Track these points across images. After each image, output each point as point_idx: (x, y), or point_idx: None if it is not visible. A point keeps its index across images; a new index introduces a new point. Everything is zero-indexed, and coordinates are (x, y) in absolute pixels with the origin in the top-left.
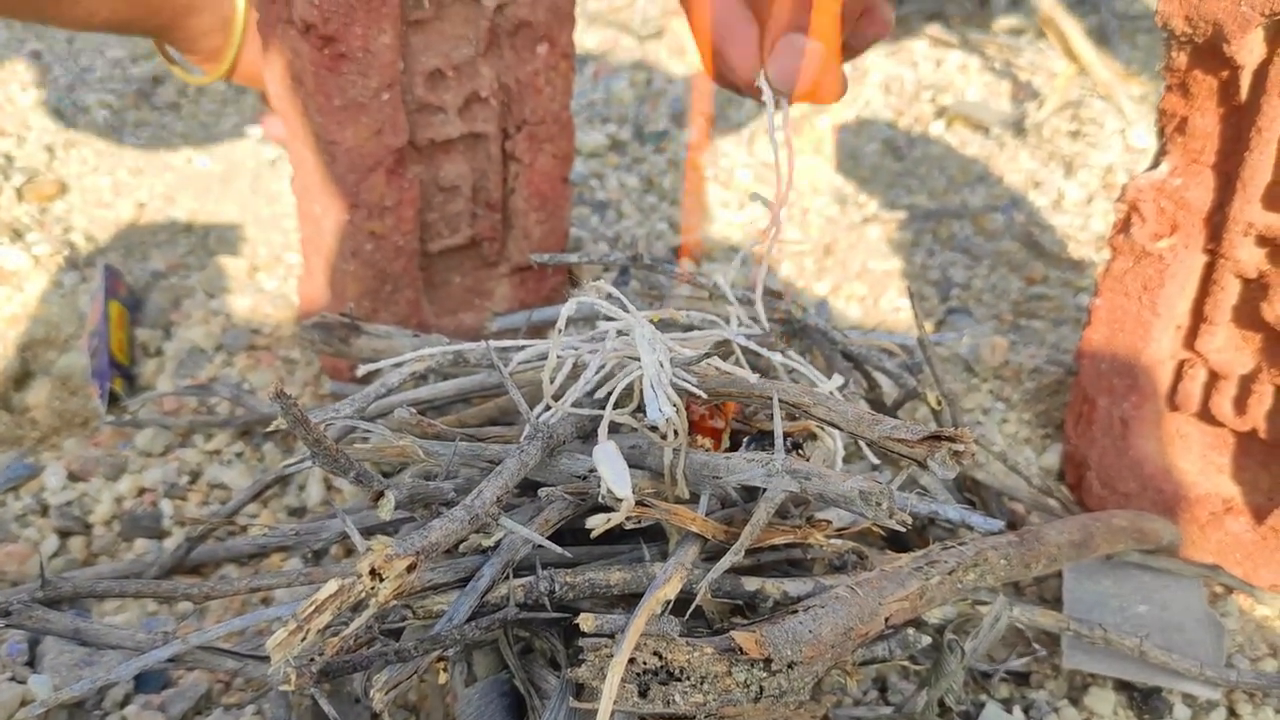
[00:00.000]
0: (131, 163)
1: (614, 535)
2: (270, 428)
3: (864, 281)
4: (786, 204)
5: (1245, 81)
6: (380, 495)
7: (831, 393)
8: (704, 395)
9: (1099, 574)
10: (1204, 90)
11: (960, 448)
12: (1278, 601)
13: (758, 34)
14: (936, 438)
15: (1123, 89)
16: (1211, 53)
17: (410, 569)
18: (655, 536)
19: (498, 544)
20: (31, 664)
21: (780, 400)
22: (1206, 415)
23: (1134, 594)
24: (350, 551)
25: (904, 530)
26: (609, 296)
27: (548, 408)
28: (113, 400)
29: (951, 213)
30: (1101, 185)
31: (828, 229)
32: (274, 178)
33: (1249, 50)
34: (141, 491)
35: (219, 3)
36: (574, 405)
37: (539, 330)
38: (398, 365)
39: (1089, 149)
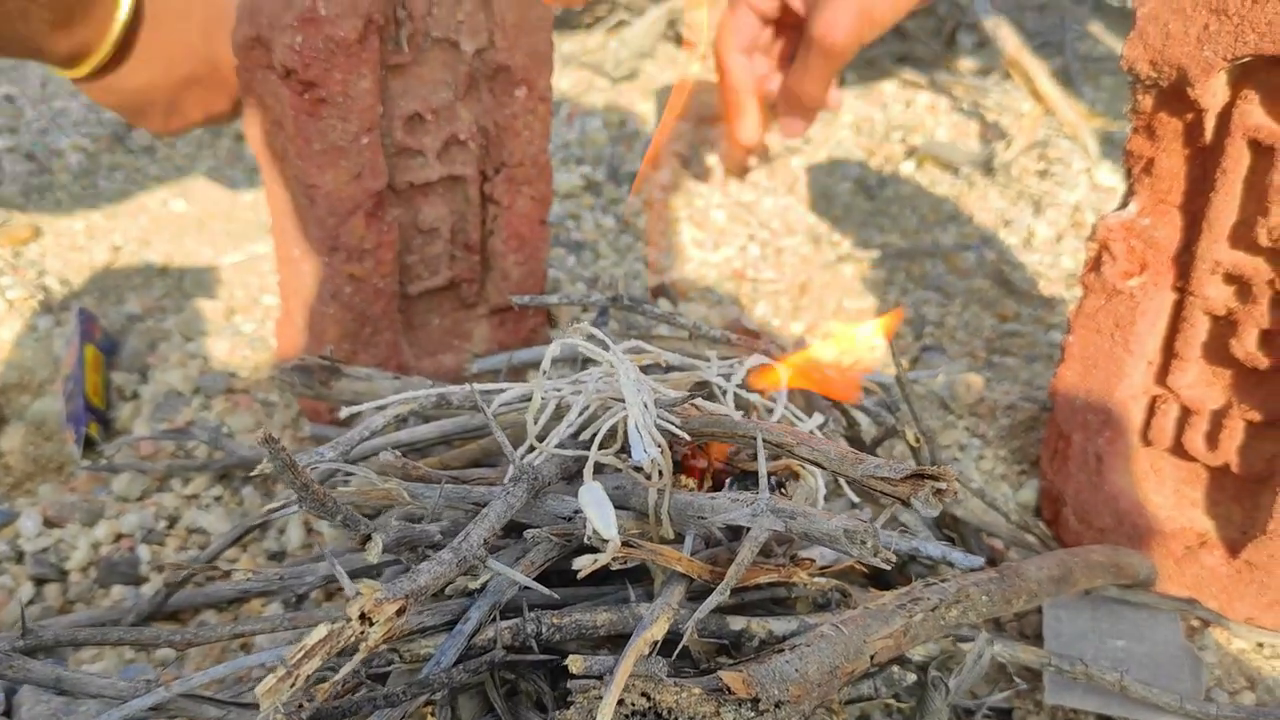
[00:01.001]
0: (106, 206)
1: (598, 576)
2: (254, 472)
3: (840, 320)
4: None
5: (1209, 124)
6: (367, 538)
7: (812, 431)
8: (687, 437)
9: (1078, 610)
10: (1169, 132)
11: (943, 486)
12: (1254, 635)
13: None
14: (919, 476)
15: (1088, 129)
16: (1176, 96)
17: (400, 612)
18: (639, 577)
19: (484, 586)
20: (8, 714)
21: (764, 440)
22: (1179, 450)
23: (1113, 629)
24: (332, 595)
25: (888, 568)
26: (591, 338)
27: (531, 449)
28: (88, 445)
29: (924, 251)
30: (1070, 223)
31: (802, 268)
32: (250, 220)
33: (1212, 94)
34: (118, 537)
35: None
36: (557, 446)
37: (519, 372)
38: (381, 408)
39: (1057, 188)
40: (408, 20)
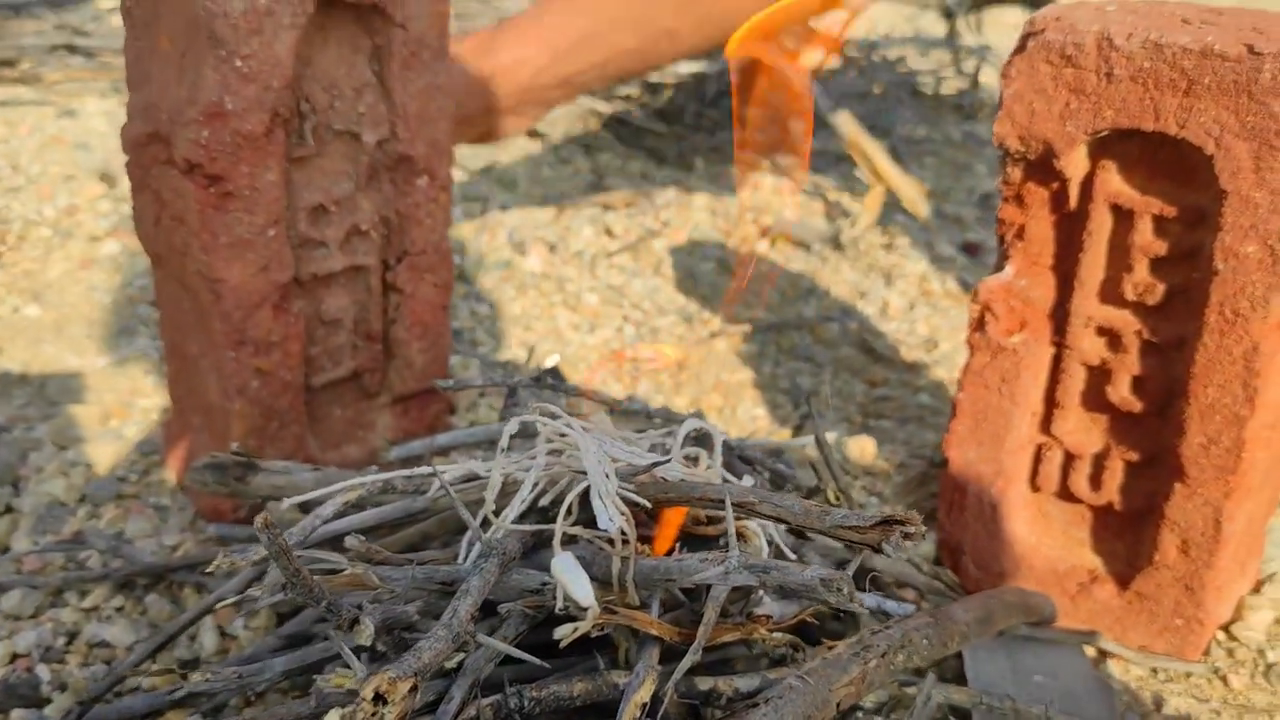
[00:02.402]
0: None
1: (556, 647)
2: (210, 567)
3: (719, 393)
4: None
5: (1074, 192)
6: (355, 621)
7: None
8: (648, 504)
9: (995, 651)
10: (1038, 201)
11: (911, 529)
12: (1149, 661)
13: None
14: (887, 522)
15: (924, 204)
16: (1043, 167)
17: (413, 690)
18: (601, 645)
19: (460, 665)
20: None
21: (731, 501)
22: (1066, 494)
23: (1029, 666)
24: (250, 702)
25: (863, 612)
26: (542, 411)
27: (486, 523)
28: None
29: (790, 324)
30: (919, 292)
31: (679, 346)
32: (112, 323)
33: (1075, 164)
34: (14, 658)
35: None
36: (515, 521)
37: (438, 457)
38: (333, 494)
39: (902, 260)
40: (311, 113)
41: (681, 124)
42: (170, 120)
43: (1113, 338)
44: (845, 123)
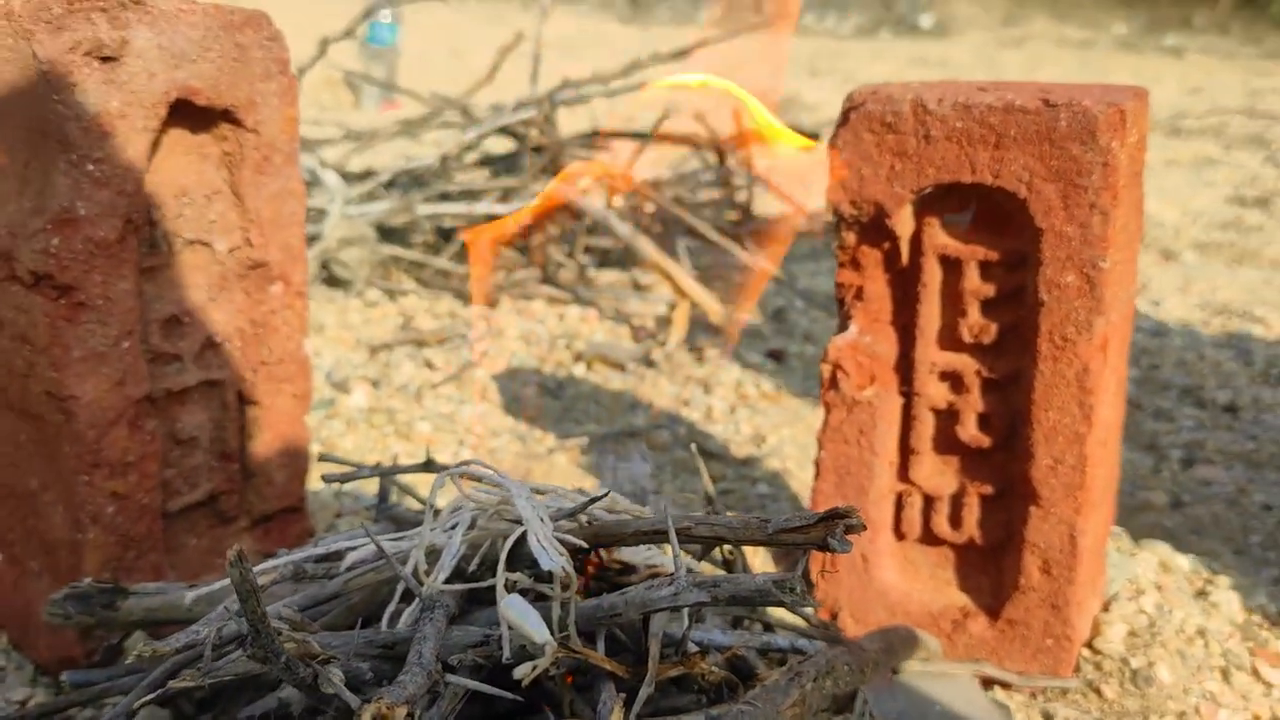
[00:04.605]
0: None
1: (496, 710)
2: (135, 651)
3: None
4: None
5: (904, 249)
6: (316, 675)
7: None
8: (585, 544)
9: (892, 693)
10: (872, 262)
11: (854, 522)
12: (1028, 682)
13: None
14: (830, 518)
15: (726, 315)
16: (875, 228)
17: (409, 717)
18: (543, 699)
19: None
20: None
21: (671, 528)
22: (929, 538)
23: (926, 702)
24: None
25: (815, 608)
26: (469, 468)
27: (419, 583)
28: None
29: (624, 433)
30: (737, 397)
31: (520, 461)
32: None
33: (904, 222)
34: None
35: None
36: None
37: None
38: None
39: (716, 369)
40: (162, 220)
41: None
42: (11, 234)
43: (955, 380)
44: (644, 246)
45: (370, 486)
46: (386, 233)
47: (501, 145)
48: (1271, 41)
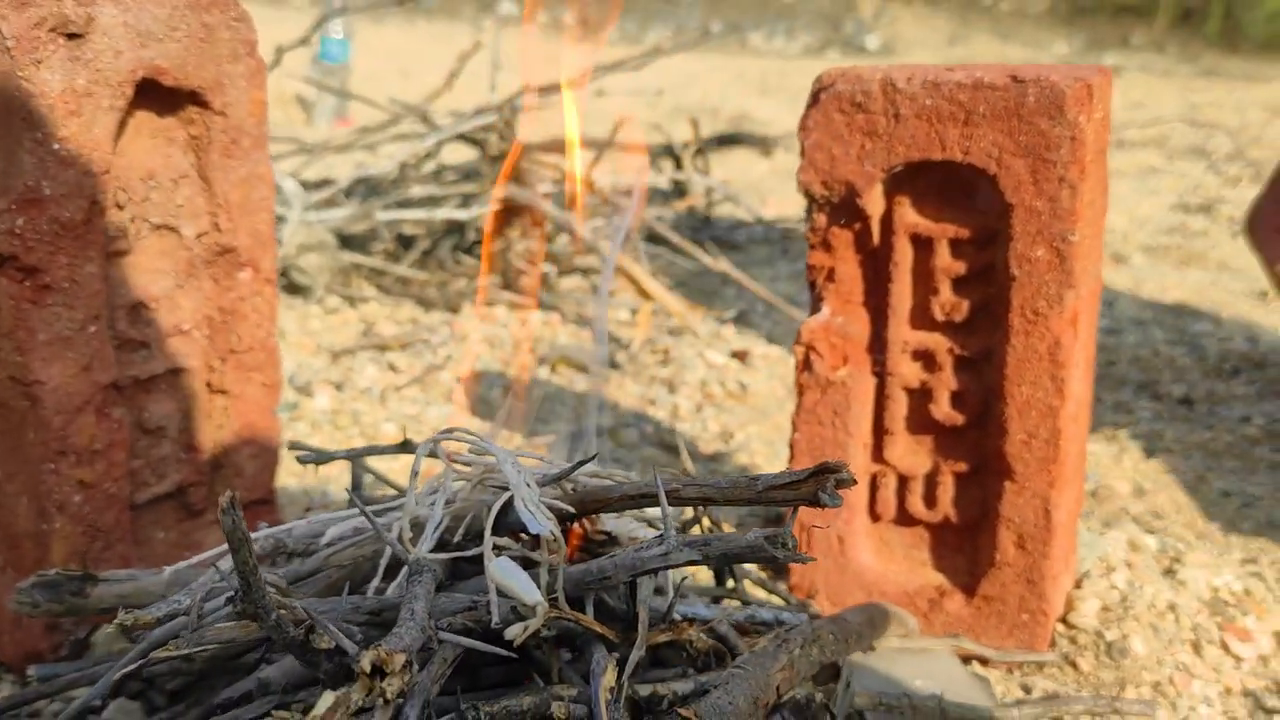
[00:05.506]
0: None
1: (484, 679)
2: (116, 620)
3: None
4: None
5: (875, 229)
6: (310, 631)
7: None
8: (572, 509)
9: (874, 666)
10: (843, 243)
11: (844, 476)
12: (1005, 657)
13: None
14: (820, 473)
15: (693, 319)
16: (846, 209)
17: (407, 665)
18: (521, 676)
19: (404, 691)
20: None
21: (660, 489)
22: (903, 518)
23: (907, 675)
24: None
25: (812, 560)
26: (457, 432)
27: (407, 552)
28: None
29: (591, 432)
30: (703, 396)
31: None
32: None
33: (875, 202)
34: None
35: None
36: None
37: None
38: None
39: (681, 369)
40: (129, 204)
41: (443, 270)
42: None
43: (928, 359)
44: (612, 249)
45: (341, 482)
46: (346, 240)
47: (460, 155)
48: (1207, 59)
